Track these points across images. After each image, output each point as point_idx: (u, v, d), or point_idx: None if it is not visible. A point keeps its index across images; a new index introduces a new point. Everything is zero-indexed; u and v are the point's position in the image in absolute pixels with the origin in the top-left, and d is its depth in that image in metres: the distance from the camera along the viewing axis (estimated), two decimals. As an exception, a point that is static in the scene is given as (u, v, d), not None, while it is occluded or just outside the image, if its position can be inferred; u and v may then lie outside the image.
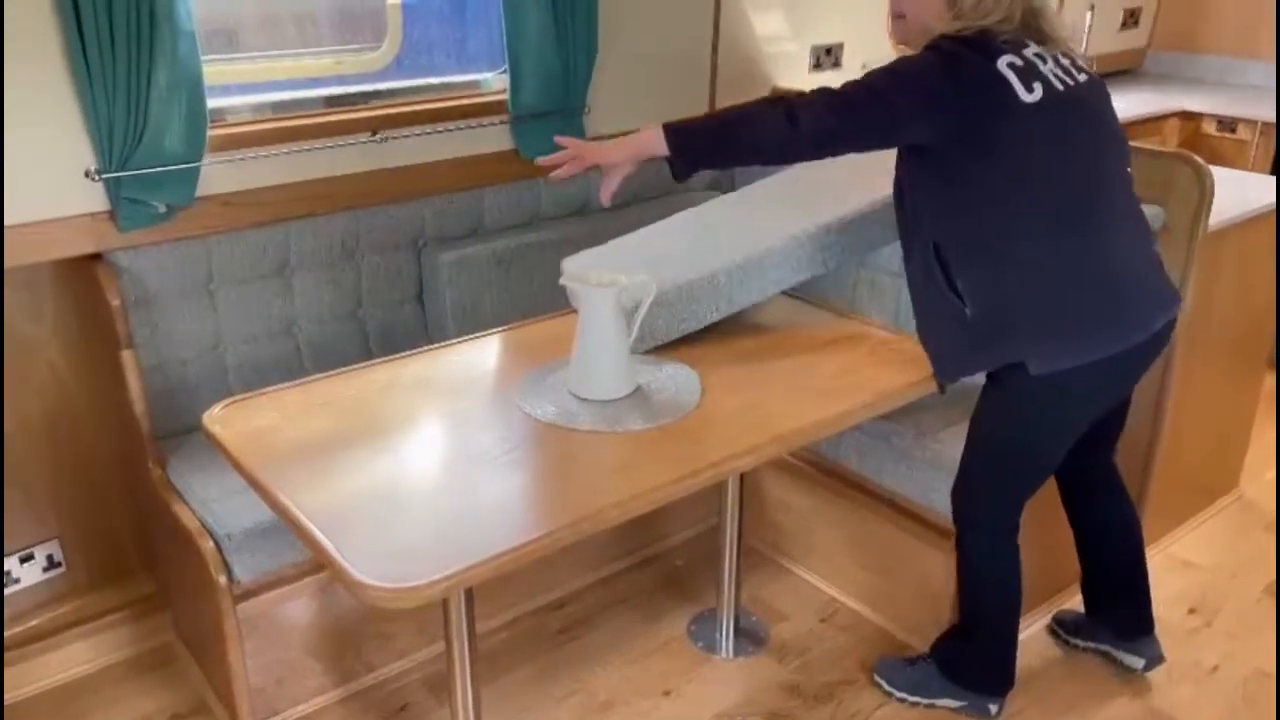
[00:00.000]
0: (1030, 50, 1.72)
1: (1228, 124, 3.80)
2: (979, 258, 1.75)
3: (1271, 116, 3.69)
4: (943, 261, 1.78)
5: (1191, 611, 2.49)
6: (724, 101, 2.96)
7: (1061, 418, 1.87)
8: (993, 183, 1.71)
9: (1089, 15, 4.04)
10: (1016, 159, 1.70)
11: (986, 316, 1.76)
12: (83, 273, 2.10)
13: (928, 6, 1.74)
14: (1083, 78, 1.77)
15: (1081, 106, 1.75)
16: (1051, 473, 2.00)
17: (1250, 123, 3.74)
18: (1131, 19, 4.37)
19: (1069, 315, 1.74)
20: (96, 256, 2.08)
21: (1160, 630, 2.27)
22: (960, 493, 2.03)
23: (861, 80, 1.71)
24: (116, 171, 2.01)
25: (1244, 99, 3.96)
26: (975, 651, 2.13)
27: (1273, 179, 2.82)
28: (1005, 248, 1.73)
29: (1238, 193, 2.50)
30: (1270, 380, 3.13)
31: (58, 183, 1.99)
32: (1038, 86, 1.68)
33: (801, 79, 3.15)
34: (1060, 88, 1.71)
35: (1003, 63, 1.67)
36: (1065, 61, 1.76)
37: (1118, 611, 2.26)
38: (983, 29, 1.69)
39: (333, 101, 2.40)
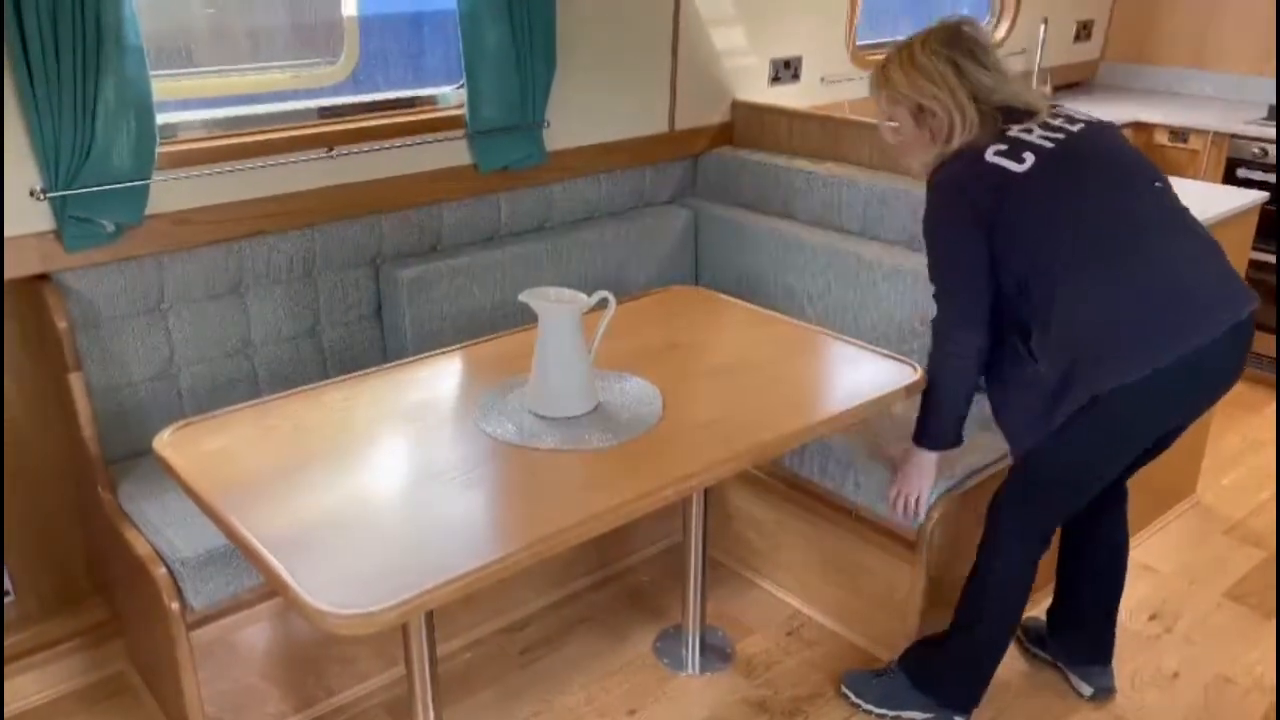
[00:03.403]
0: (1014, 130, 1.85)
1: (1180, 134, 3.86)
2: (1039, 316, 1.84)
3: (1221, 126, 3.75)
4: (1018, 331, 1.88)
5: (1152, 618, 2.51)
6: (684, 117, 2.97)
7: (1123, 435, 1.90)
8: (1023, 252, 1.83)
9: (1043, 28, 4.09)
10: (1030, 223, 1.82)
11: (1057, 365, 1.82)
12: (29, 294, 2.06)
13: (915, 146, 1.95)
14: (1078, 126, 1.88)
15: (1081, 151, 1.85)
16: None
17: (1202, 133, 3.80)
18: (1085, 31, 4.43)
19: (1120, 339, 1.79)
20: (43, 277, 2.03)
21: (1122, 636, 2.29)
22: (1006, 509, 2.01)
23: (936, 287, 1.94)
24: (63, 190, 1.96)
25: (1195, 109, 4.03)
26: (956, 664, 2.12)
27: (1226, 188, 2.86)
28: (1052, 301, 1.81)
29: (1190, 202, 2.52)
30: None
31: (2, 202, 1.94)
32: (1028, 155, 1.81)
33: (761, 92, 3.16)
34: (1050, 145, 1.82)
35: (990, 153, 1.83)
36: (1057, 120, 1.89)
37: (1080, 635, 2.26)
38: (968, 143, 1.85)
39: (287, 117, 2.37)
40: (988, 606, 2.05)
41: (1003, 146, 1.83)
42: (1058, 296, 1.80)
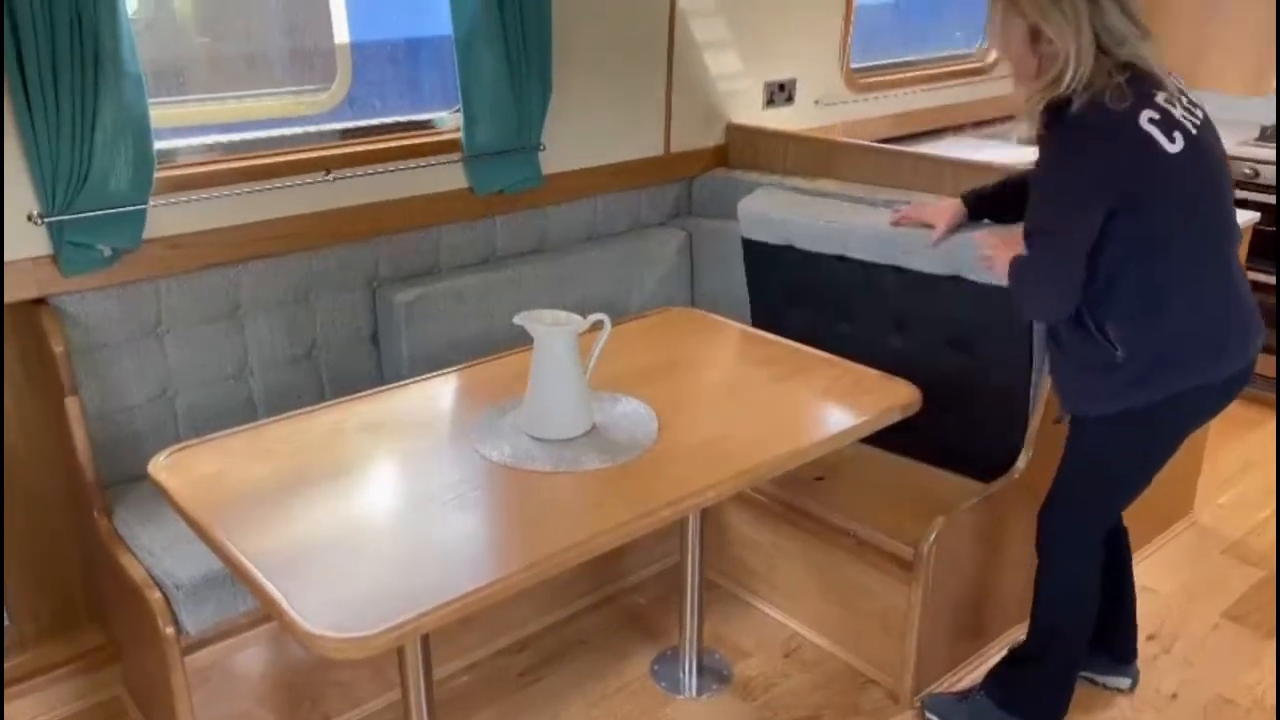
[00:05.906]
0: (1160, 97, 1.70)
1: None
2: (1133, 307, 1.75)
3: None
4: (1094, 313, 1.78)
5: (1150, 638, 2.50)
6: (679, 140, 2.99)
7: (1176, 435, 1.92)
8: (1144, 236, 1.71)
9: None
10: (1166, 213, 1.71)
11: (1139, 358, 1.77)
12: (25, 318, 2.06)
13: (1021, 71, 1.78)
14: (1199, 116, 1.77)
15: (1209, 146, 1.76)
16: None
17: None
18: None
19: (1208, 344, 1.79)
20: (40, 301, 2.04)
21: (1121, 658, 2.28)
22: (1055, 514, 2.02)
23: (1037, 227, 1.76)
24: (60, 215, 1.97)
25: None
26: (1038, 681, 2.11)
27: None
28: (1159, 295, 1.74)
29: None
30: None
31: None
32: (1178, 135, 1.69)
33: (756, 115, 3.17)
34: (1194, 132, 1.72)
35: (1144, 120, 1.67)
36: (1184, 101, 1.76)
37: (1115, 633, 2.24)
38: (1107, 84, 1.66)
39: (284, 141, 2.38)
40: (1059, 619, 2.06)
41: (1156, 115, 1.67)
42: (1163, 292, 1.72)
